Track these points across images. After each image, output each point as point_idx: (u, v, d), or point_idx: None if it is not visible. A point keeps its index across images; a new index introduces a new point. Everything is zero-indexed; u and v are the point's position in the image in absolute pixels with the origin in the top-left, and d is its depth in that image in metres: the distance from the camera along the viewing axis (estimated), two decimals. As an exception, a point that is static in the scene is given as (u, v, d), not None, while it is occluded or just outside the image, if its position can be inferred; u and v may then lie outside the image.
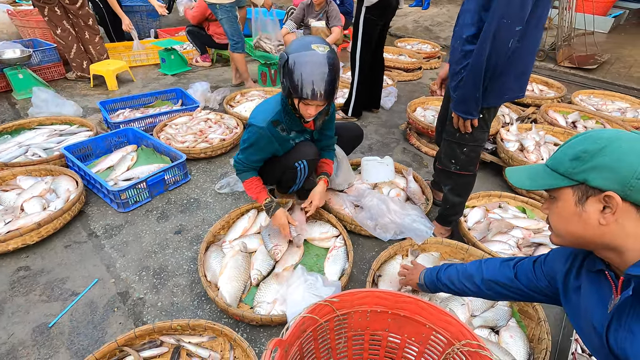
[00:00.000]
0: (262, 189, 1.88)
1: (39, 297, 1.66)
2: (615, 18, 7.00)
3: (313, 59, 1.52)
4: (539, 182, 0.85)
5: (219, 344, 1.45)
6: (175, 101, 3.50)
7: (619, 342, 0.77)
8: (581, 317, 0.91)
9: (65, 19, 3.60)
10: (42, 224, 1.85)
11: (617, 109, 3.63)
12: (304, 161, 1.91)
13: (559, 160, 0.82)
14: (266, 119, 1.73)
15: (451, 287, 1.33)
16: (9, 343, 1.47)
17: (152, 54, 4.56)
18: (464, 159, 1.78)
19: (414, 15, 7.96)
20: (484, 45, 1.42)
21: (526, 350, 1.45)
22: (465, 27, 1.50)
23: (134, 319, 1.59)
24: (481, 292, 1.25)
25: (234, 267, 1.71)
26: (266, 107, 1.81)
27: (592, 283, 0.88)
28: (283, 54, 1.58)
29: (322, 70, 1.53)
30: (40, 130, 2.79)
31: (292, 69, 1.53)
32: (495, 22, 1.36)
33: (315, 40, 1.56)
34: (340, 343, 1.23)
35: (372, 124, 3.47)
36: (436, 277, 1.38)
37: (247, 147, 1.80)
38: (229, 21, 3.40)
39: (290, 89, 1.58)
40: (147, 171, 2.35)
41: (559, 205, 0.83)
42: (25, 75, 3.46)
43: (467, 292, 1.29)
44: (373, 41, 3.10)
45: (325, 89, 1.56)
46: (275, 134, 1.78)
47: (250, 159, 1.84)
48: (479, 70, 1.47)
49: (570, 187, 0.79)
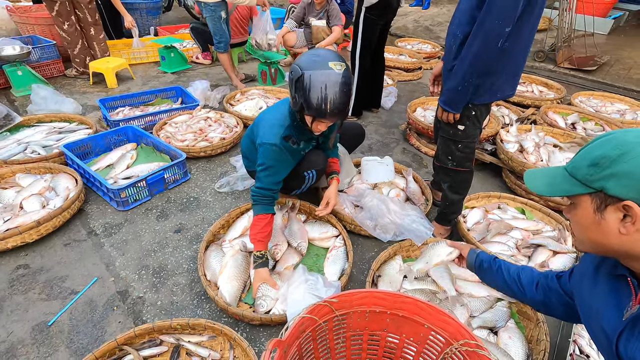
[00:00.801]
0: (266, 236, 1.71)
1: (38, 295, 1.66)
2: (615, 20, 7.01)
3: (331, 78, 1.49)
4: (555, 188, 0.82)
5: (219, 343, 1.45)
6: (175, 99, 3.49)
7: (629, 351, 0.74)
8: (592, 317, 0.89)
9: (73, 14, 3.60)
10: (42, 222, 1.85)
11: (617, 110, 3.64)
12: (313, 170, 1.93)
13: (577, 165, 0.78)
14: (278, 134, 1.70)
15: (505, 276, 1.24)
16: (8, 341, 1.47)
17: (151, 51, 4.54)
18: (460, 155, 1.83)
19: (414, 15, 7.96)
20: (473, 43, 1.46)
21: (524, 351, 1.46)
22: (459, 25, 1.55)
23: (133, 317, 1.59)
24: (530, 290, 1.18)
25: (234, 266, 1.71)
26: (273, 122, 1.75)
27: (611, 286, 0.85)
28: (297, 68, 1.53)
29: (339, 90, 1.51)
30: (39, 127, 2.78)
31: (308, 86, 1.50)
32: (487, 22, 1.40)
33: (331, 57, 1.53)
34: (339, 343, 1.23)
35: (372, 124, 3.47)
36: (493, 260, 1.31)
37: (265, 170, 1.72)
38: (212, 20, 3.41)
39: (304, 106, 1.55)
40: (147, 169, 2.35)
41: (578, 213, 0.79)
42: (24, 72, 3.45)
43: (515, 288, 1.21)
44: (373, 41, 3.10)
45: (340, 109, 1.56)
46: (288, 149, 1.74)
47: (271, 182, 1.74)
48: (465, 67, 1.51)
49: (589, 194, 0.75)
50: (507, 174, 2.64)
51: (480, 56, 1.46)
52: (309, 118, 1.63)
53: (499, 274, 1.27)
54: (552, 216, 2.19)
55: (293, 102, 1.63)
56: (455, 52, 1.58)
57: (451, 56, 1.61)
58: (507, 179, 2.63)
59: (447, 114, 1.69)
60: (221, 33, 3.51)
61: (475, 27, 1.44)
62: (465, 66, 1.50)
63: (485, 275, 1.33)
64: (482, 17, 1.41)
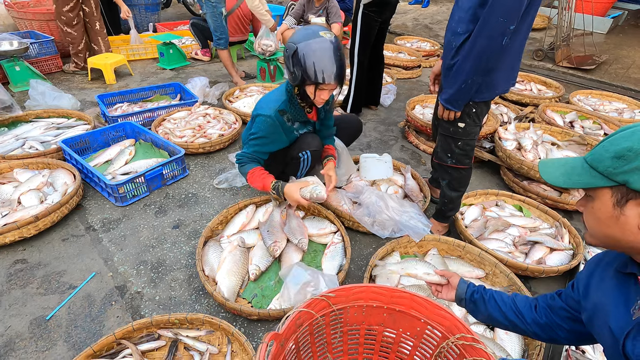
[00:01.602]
0: (267, 175, 1.88)
1: (36, 290, 1.66)
2: (613, 19, 7.02)
3: (324, 45, 1.61)
4: (573, 180, 0.78)
5: (217, 338, 1.46)
6: (174, 96, 3.48)
7: (636, 350, 0.72)
8: (597, 314, 0.87)
9: (80, 9, 3.61)
10: (40, 217, 1.85)
11: (615, 109, 3.66)
12: (307, 152, 1.96)
13: (598, 157, 0.74)
14: (273, 108, 1.78)
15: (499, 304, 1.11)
16: (7, 335, 1.47)
17: (150, 47, 4.53)
18: (459, 153, 1.83)
19: (414, 13, 7.95)
20: (477, 41, 1.44)
21: (520, 347, 1.47)
22: (460, 22, 1.53)
23: (131, 312, 1.60)
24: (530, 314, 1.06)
25: (232, 261, 1.71)
26: (270, 97, 1.84)
27: (619, 283, 0.82)
28: (290, 44, 1.64)
29: (333, 55, 1.64)
30: (37, 123, 2.77)
31: (305, 57, 1.61)
32: (491, 20, 1.38)
33: (319, 28, 1.66)
34: (336, 338, 1.24)
35: (371, 122, 3.47)
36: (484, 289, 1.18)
37: (256, 139, 1.81)
38: (212, 17, 3.40)
39: (304, 77, 1.65)
40: (145, 165, 2.35)
41: (595, 206, 0.76)
42: (22, 67, 3.43)
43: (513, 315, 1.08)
44: (371, 38, 3.10)
45: (338, 72, 1.67)
46: (282, 123, 1.82)
47: (258, 152, 1.85)
48: (469, 65, 1.50)
49: (609, 187, 0.72)
50: (505, 172, 2.65)
51: (484, 54, 1.45)
52: (310, 89, 1.71)
53: (491, 303, 1.12)
54: (550, 213, 2.20)
55: (292, 77, 1.71)
56: (455, 49, 1.56)
57: (450, 53, 1.60)
58: (505, 177, 2.64)
59: (448, 112, 1.69)
60: (222, 30, 3.51)
61: (479, 25, 1.42)
62: (469, 64, 1.49)
63: (478, 307, 1.16)
64: (486, 15, 1.39)
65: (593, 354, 1.48)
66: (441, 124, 1.83)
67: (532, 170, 2.39)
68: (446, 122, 1.78)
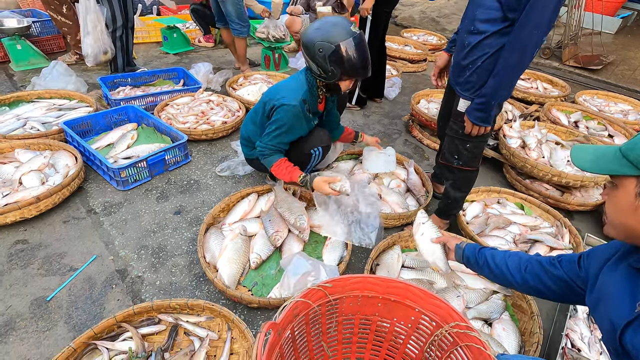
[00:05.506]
0: (293, 167, 1.88)
1: (37, 270, 1.66)
2: (622, 19, 6.94)
3: (360, 42, 1.66)
4: (600, 165, 0.78)
5: (217, 324, 1.46)
6: (177, 81, 3.45)
7: (635, 343, 0.74)
8: (601, 300, 0.87)
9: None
10: (41, 199, 1.84)
11: (620, 110, 3.64)
12: (319, 148, 1.99)
13: (632, 146, 0.74)
14: (298, 98, 1.78)
15: (490, 264, 1.23)
16: (7, 314, 1.47)
17: (153, 31, 4.46)
18: (467, 155, 1.78)
19: (421, 6, 7.85)
20: (511, 57, 1.40)
21: (517, 343, 1.49)
22: (476, 22, 1.48)
23: (132, 296, 1.60)
24: (519, 276, 1.15)
25: (234, 249, 1.72)
26: (292, 86, 1.84)
27: (629, 277, 0.82)
28: (325, 43, 1.62)
29: (367, 49, 1.70)
30: (38, 103, 2.74)
31: (346, 55, 1.64)
32: (527, 32, 1.35)
33: (346, 23, 1.66)
34: (331, 327, 1.24)
35: (375, 114, 3.45)
36: (478, 250, 1.29)
37: (280, 128, 1.80)
38: (234, 4, 3.21)
39: (346, 73, 1.70)
40: (148, 150, 2.33)
41: (619, 195, 0.77)
42: (23, 46, 3.38)
43: (506, 274, 1.18)
44: (380, 28, 3.07)
45: (370, 63, 1.75)
46: (304, 113, 1.83)
47: (281, 142, 1.86)
48: (502, 82, 1.46)
49: (635, 177, 0.72)
50: (507, 169, 2.64)
51: (518, 69, 1.44)
52: (345, 83, 1.79)
53: (484, 269, 1.24)
54: (551, 213, 2.20)
55: (329, 75, 1.72)
56: (468, 48, 1.52)
57: (463, 52, 1.56)
58: (508, 174, 2.64)
59: (477, 128, 1.63)
60: (244, 17, 3.34)
61: (512, 39, 1.38)
62: (503, 81, 1.46)
63: (473, 269, 1.31)
64: (518, 29, 1.35)
65: (589, 351, 1.49)
66: (450, 125, 1.76)
67: (535, 169, 2.38)
68: (456, 125, 1.71)
